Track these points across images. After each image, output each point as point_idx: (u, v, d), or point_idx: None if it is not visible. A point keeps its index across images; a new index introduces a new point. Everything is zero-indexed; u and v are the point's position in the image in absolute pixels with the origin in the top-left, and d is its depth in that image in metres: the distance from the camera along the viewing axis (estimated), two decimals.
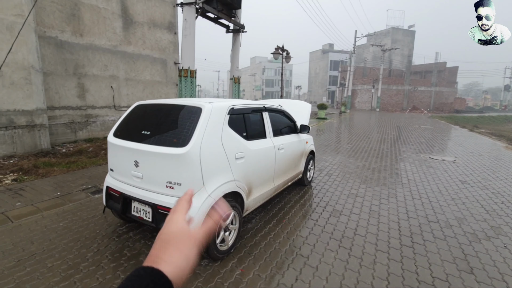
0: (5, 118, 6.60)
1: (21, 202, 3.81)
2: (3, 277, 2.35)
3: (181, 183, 2.40)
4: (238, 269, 2.57)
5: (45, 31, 8.22)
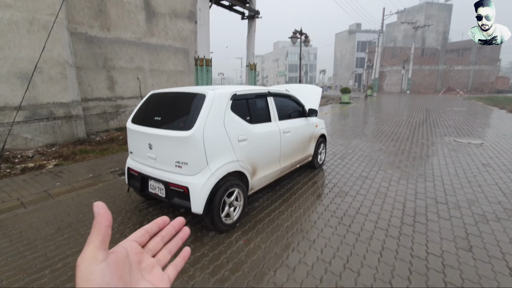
0: (46, 110, 7.32)
1: (60, 183, 4.38)
2: (46, 241, 2.83)
3: (188, 162, 2.68)
4: (241, 240, 2.84)
5: (76, 28, 8.81)
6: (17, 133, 6.90)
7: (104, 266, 0.34)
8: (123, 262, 0.38)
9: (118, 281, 0.35)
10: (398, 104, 20.20)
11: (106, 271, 0.34)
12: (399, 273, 2.33)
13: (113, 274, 0.35)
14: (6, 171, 5.16)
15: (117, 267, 0.36)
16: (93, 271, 0.33)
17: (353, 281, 2.24)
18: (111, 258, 0.36)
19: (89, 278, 0.33)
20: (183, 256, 0.46)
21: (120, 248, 0.40)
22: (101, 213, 0.39)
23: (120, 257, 0.38)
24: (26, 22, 6.72)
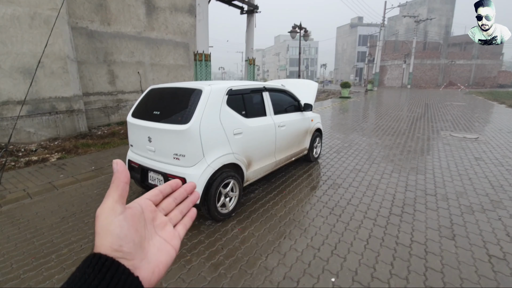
0: (48, 104, 7.45)
1: (63, 175, 4.54)
2: (52, 229, 3.00)
3: (185, 154, 2.82)
4: (236, 228, 3.00)
5: (77, 22, 8.86)
6: (20, 127, 7.04)
7: (121, 218, 0.36)
8: (139, 217, 0.40)
9: (134, 233, 0.37)
10: (397, 99, 20.23)
11: (123, 223, 0.36)
12: (383, 259, 2.48)
13: (130, 226, 0.37)
14: (11, 164, 5.32)
15: (133, 221, 0.38)
16: (112, 221, 0.35)
17: (339, 266, 2.40)
18: (128, 212, 0.38)
19: (108, 228, 0.35)
20: (191, 216, 0.49)
21: (136, 204, 0.42)
22: (119, 170, 0.40)
23: (136, 212, 0.40)
24: (28, 17, 6.79)
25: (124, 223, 0.36)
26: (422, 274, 2.30)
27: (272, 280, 2.24)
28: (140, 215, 0.41)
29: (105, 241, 0.34)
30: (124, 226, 0.36)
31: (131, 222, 0.38)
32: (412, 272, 2.32)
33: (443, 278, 2.24)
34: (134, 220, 0.39)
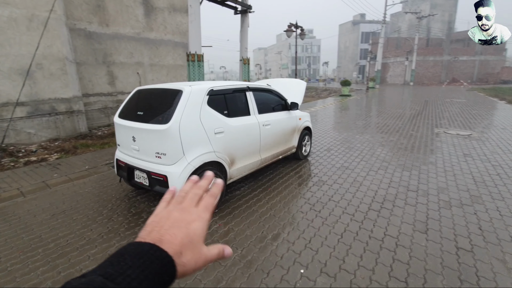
0: (48, 105, 7.61)
1: (57, 174, 4.70)
2: (41, 225, 3.14)
3: (166, 153, 2.94)
4: (217, 223, 3.11)
5: (75, 24, 9.00)
6: (21, 128, 7.22)
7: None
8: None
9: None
10: (398, 96, 20.16)
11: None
12: (354, 252, 2.58)
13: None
14: (10, 165, 5.50)
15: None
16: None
17: (310, 258, 2.50)
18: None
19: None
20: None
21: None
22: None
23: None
24: (25, 19, 6.93)
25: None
26: (389, 265, 2.39)
27: (244, 271, 2.35)
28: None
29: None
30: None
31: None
32: (379, 263, 2.41)
33: (408, 269, 2.33)
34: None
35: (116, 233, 2.96)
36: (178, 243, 0.39)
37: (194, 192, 0.47)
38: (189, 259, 0.39)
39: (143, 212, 3.41)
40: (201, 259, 0.41)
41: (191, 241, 0.40)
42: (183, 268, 0.38)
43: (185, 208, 0.44)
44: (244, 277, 2.28)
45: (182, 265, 0.38)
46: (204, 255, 0.42)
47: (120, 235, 2.91)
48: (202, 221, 0.44)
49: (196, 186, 0.49)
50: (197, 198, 0.47)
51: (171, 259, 0.36)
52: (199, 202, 0.47)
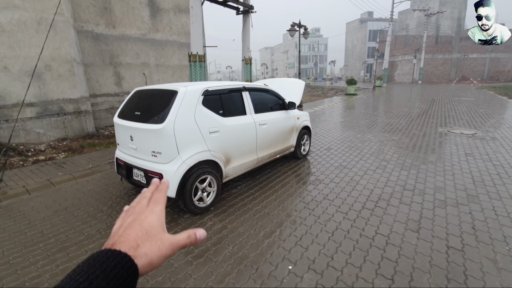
0: (56, 106, 7.83)
1: (62, 172, 4.85)
2: (44, 221, 3.28)
3: (161, 152, 3.03)
4: (212, 221, 3.19)
5: (83, 26, 9.21)
6: (30, 128, 7.44)
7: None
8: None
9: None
10: (404, 95, 19.90)
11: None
12: (343, 249, 2.61)
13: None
14: (19, 163, 5.69)
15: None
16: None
17: (300, 255, 2.54)
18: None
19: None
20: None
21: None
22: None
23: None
24: (34, 22, 7.14)
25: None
26: (377, 263, 2.41)
27: (233, 267, 2.41)
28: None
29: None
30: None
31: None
32: (367, 261, 2.44)
33: (395, 267, 2.36)
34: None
35: None
36: (133, 238, 0.40)
37: (143, 197, 0.51)
38: (149, 248, 0.41)
39: None
40: (164, 245, 0.43)
41: (147, 233, 0.42)
42: (146, 258, 0.39)
43: (137, 211, 0.47)
44: (234, 273, 2.35)
45: (143, 255, 0.39)
46: (167, 240, 0.44)
47: None
48: (154, 213, 0.46)
49: (143, 192, 0.53)
50: (146, 200, 0.49)
51: (124, 254, 0.37)
52: (150, 202, 0.49)
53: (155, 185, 0.54)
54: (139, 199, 0.51)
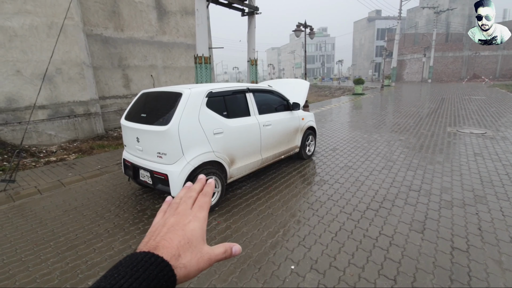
0: (67, 108, 8.03)
1: (72, 173, 4.99)
2: (54, 220, 3.38)
3: (166, 153, 3.09)
4: (216, 221, 3.23)
5: (92, 30, 9.42)
6: (42, 130, 7.65)
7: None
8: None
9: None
10: (413, 94, 19.61)
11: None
12: (346, 250, 2.62)
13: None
14: (32, 164, 5.87)
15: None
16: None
17: (302, 255, 2.56)
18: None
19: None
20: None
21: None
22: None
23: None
24: (45, 27, 7.34)
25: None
26: (380, 264, 2.41)
27: (236, 266, 2.45)
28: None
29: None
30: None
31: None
32: (370, 262, 2.44)
33: (398, 268, 2.35)
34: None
35: (121, 229, 3.14)
36: (175, 246, 0.39)
37: (188, 195, 0.48)
38: (189, 260, 0.39)
39: (147, 209, 3.59)
40: (203, 259, 0.41)
41: (189, 242, 0.41)
42: (184, 270, 0.38)
43: (180, 212, 0.44)
44: (236, 272, 2.38)
45: (182, 267, 0.38)
46: (207, 253, 0.42)
47: (124, 230, 3.10)
48: (198, 220, 0.44)
49: (189, 190, 0.50)
50: (191, 201, 0.47)
51: (167, 263, 0.36)
52: (194, 204, 0.47)
53: (201, 183, 0.52)
54: (183, 197, 0.48)
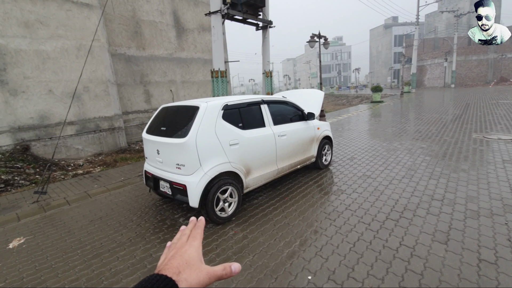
0: (93, 124, 8.51)
1: (97, 185, 5.25)
2: (81, 229, 3.57)
3: (185, 164, 3.21)
4: (233, 230, 3.28)
5: (116, 49, 10.04)
6: (70, 144, 8.13)
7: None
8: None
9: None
10: (435, 100, 18.95)
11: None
12: (365, 260, 2.56)
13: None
14: (61, 177, 6.24)
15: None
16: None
17: (319, 265, 2.54)
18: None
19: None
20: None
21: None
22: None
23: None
24: (74, 49, 7.93)
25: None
26: (400, 275, 2.34)
27: (253, 276, 2.46)
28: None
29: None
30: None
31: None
32: (390, 273, 2.37)
33: (420, 280, 2.27)
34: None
35: (143, 238, 3.26)
36: (175, 266, 0.48)
37: (183, 233, 0.59)
38: (189, 275, 0.47)
39: (167, 219, 3.70)
40: (202, 273, 0.49)
41: (187, 263, 0.50)
42: (186, 283, 0.46)
43: (177, 246, 0.55)
44: (253, 281, 2.40)
45: (183, 280, 0.46)
46: (205, 269, 0.50)
47: (145, 239, 3.21)
48: (193, 247, 0.54)
49: (183, 230, 0.61)
50: (186, 237, 0.57)
51: (170, 278, 0.45)
52: (189, 238, 0.57)
53: (193, 223, 0.63)
54: (179, 236, 0.59)
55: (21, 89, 7.13)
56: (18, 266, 2.88)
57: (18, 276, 2.70)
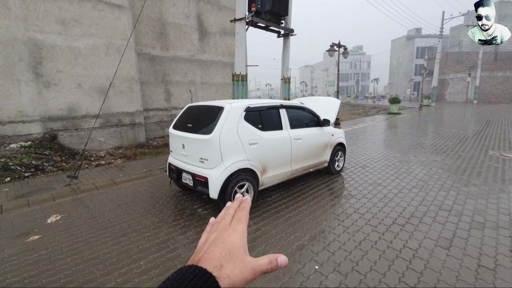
0: (116, 118, 9.04)
1: (122, 174, 5.66)
2: (110, 212, 3.94)
3: (208, 158, 3.52)
4: (248, 223, 3.53)
5: (142, 49, 10.60)
6: (94, 136, 8.65)
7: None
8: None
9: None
10: (455, 115, 18.61)
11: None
12: (369, 257, 2.76)
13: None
14: (85, 166, 6.72)
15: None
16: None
17: (326, 258, 2.76)
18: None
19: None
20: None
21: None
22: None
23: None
24: (104, 47, 8.48)
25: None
26: (401, 272, 2.53)
27: None
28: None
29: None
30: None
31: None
32: (391, 269, 2.57)
33: (419, 278, 2.45)
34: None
35: (165, 223, 3.58)
36: (217, 257, 0.41)
37: (227, 213, 0.52)
38: (232, 270, 0.41)
39: (187, 208, 4.02)
40: (246, 268, 0.43)
41: (230, 253, 0.43)
42: (228, 280, 0.40)
43: (220, 228, 0.48)
44: None
45: (226, 277, 0.40)
46: (249, 263, 0.44)
47: (168, 224, 3.53)
48: (237, 232, 0.47)
49: (227, 208, 0.54)
50: (229, 217, 0.50)
51: (210, 274, 0.39)
52: (233, 219, 0.50)
53: (238, 201, 0.55)
54: (223, 215, 0.52)
55: (54, 82, 7.71)
56: (57, 238, 3.26)
57: (58, 247, 3.07)
